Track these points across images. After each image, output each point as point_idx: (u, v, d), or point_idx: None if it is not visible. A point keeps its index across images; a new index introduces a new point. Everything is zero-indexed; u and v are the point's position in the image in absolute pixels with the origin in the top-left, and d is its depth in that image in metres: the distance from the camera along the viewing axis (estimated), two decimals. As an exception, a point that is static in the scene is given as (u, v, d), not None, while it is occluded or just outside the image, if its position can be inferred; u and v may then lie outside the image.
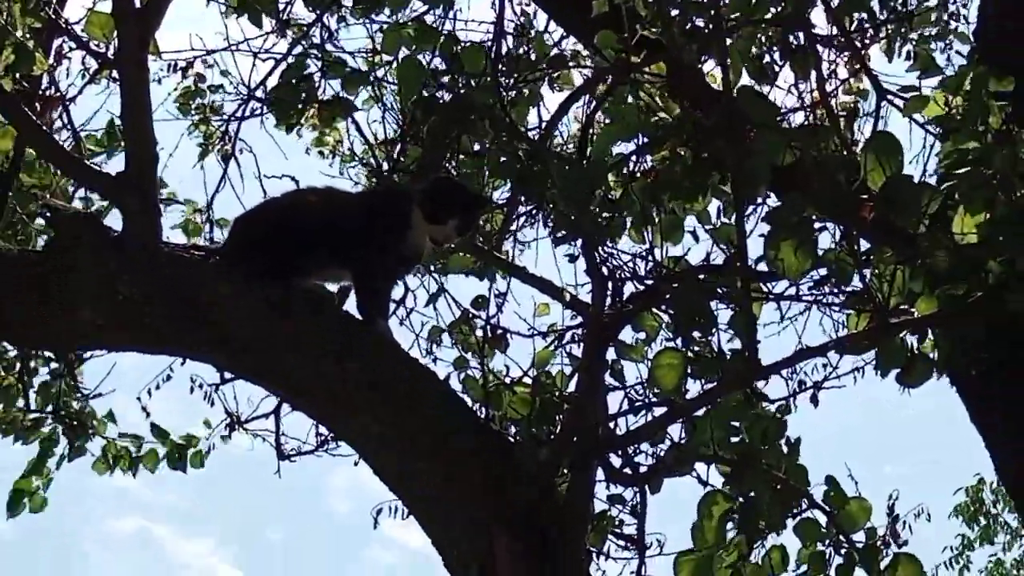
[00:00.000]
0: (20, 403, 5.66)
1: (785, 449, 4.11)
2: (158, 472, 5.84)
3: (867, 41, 5.21)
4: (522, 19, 5.19)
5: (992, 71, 3.82)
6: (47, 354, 5.68)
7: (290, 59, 5.22)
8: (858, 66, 4.97)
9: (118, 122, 4.51)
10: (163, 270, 3.83)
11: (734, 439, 4.09)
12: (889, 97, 4.68)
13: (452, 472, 3.78)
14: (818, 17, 4.75)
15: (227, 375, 4.78)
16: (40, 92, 4.96)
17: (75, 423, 5.70)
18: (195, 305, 3.81)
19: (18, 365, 5.64)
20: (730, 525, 4.10)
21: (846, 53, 5.01)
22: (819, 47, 4.69)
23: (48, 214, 3.94)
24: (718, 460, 4.09)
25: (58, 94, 5.05)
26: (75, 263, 3.79)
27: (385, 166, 5.09)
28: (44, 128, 4.44)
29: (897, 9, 5.38)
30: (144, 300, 3.79)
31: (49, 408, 5.69)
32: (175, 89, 5.92)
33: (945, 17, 5.64)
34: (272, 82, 5.27)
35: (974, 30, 4.98)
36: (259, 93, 5.35)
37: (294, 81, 5.15)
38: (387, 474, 3.90)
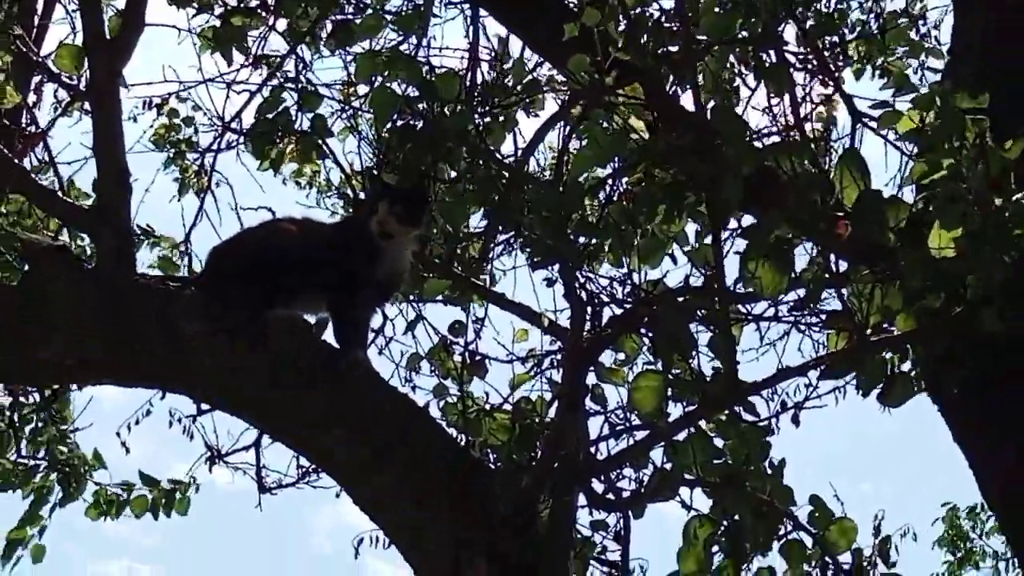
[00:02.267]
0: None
1: (769, 470, 4.08)
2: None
3: (840, 63, 5.21)
4: (497, 46, 5.19)
5: (965, 88, 3.80)
6: (36, 398, 5.65)
7: (265, 92, 5.19)
8: (832, 87, 4.96)
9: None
10: (138, 303, 3.81)
11: (717, 461, 4.07)
12: (864, 119, 4.68)
13: (431, 499, 3.76)
14: (791, 39, 4.76)
15: (204, 407, 4.74)
16: (22, 128, 4.95)
17: (68, 469, 5.66)
18: (172, 337, 3.80)
19: (7, 413, 5.60)
20: (715, 548, 4.07)
21: (820, 75, 5.00)
22: (792, 69, 4.69)
23: (20, 246, 3.91)
24: (701, 484, 4.06)
25: (39, 130, 5.04)
26: (51, 296, 3.76)
27: (362, 196, 5.06)
28: (16, 160, 4.41)
29: (868, 30, 5.39)
30: (120, 333, 3.77)
31: (41, 454, 5.65)
32: (150, 126, 5.90)
33: (916, 36, 5.63)
34: (247, 114, 5.25)
35: (948, 47, 4.97)
36: (234, 125, 5.32)
37: (269, 116, 5.11)
38: (366, 503, 3.88)
